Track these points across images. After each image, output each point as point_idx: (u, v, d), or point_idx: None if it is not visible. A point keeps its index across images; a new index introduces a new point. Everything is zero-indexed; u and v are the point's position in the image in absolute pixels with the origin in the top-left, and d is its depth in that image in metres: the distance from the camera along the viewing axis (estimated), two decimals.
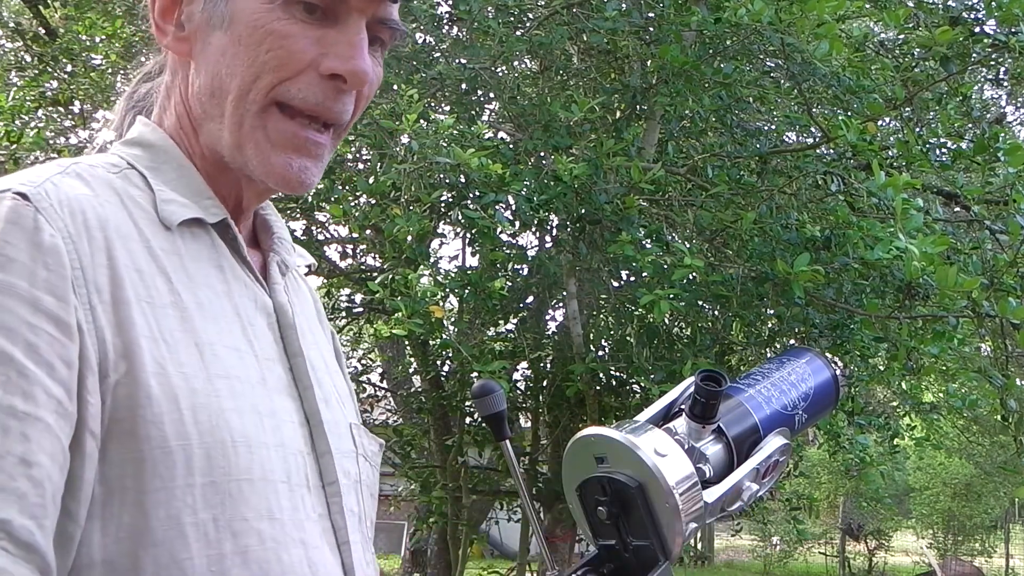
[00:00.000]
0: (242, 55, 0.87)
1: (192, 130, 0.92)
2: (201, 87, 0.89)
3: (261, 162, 0.89)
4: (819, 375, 1.39)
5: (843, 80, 4.34)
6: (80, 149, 6.30)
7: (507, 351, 5.42)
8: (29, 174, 0.82)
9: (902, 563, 22.03)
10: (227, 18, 0.88)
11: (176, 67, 0.94)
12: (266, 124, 0.88)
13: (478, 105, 5.08)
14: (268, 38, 0.86)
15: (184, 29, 0.91)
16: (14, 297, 0.75)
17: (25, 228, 0.77)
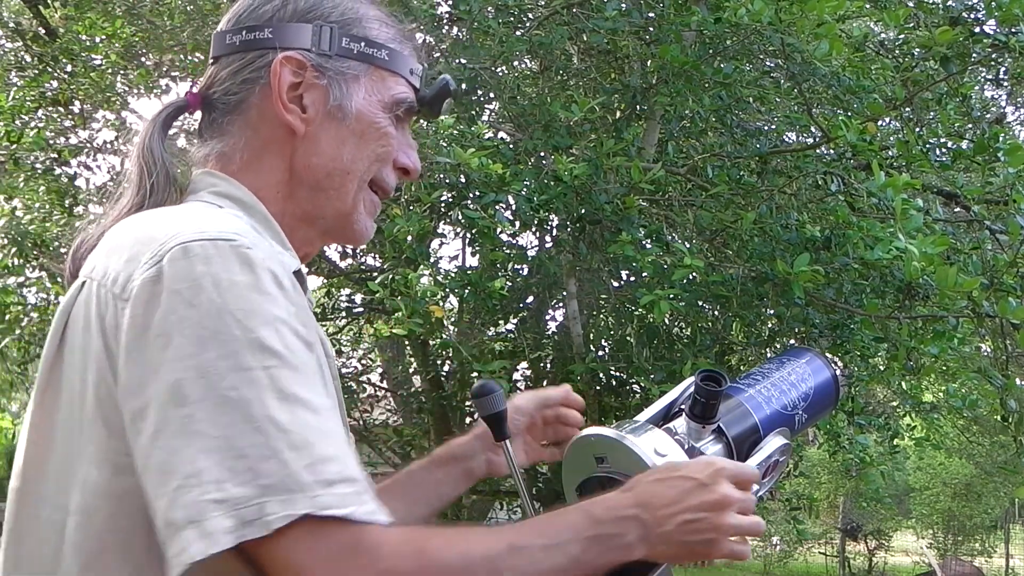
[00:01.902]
0: (364, 146, 1.10)
1: (288, 193, 1.09)
2: (319, 165, 1.09)
3: (359, 224, 1.13)
4: (819, 375, 1.39)
5: (843, 80, 4.34)
6: (80, 149, 6.30)
7: (507, 351, 5.42)
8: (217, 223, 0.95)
9: (902, 563, 22.02)
10: (349, 115, 1.09)
11: (279, 138, 1.09)
12: (367, 197, 1.13)
13: (478, 105, 5.08)
14: (382, 137, 1.12)
15: (306, 112, 1.08)
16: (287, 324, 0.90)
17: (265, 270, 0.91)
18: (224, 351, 0.86)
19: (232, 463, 0.83)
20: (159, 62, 6.26)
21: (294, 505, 0.83)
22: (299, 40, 1.09)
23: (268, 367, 0.86)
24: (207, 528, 0.82)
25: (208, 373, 0.85)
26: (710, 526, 1.02)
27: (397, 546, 0.88)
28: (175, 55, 6.02)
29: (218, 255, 0.89)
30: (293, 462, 0.84)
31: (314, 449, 0.85)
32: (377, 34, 1.13)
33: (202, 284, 0.87)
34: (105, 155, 6.53)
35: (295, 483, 0.84)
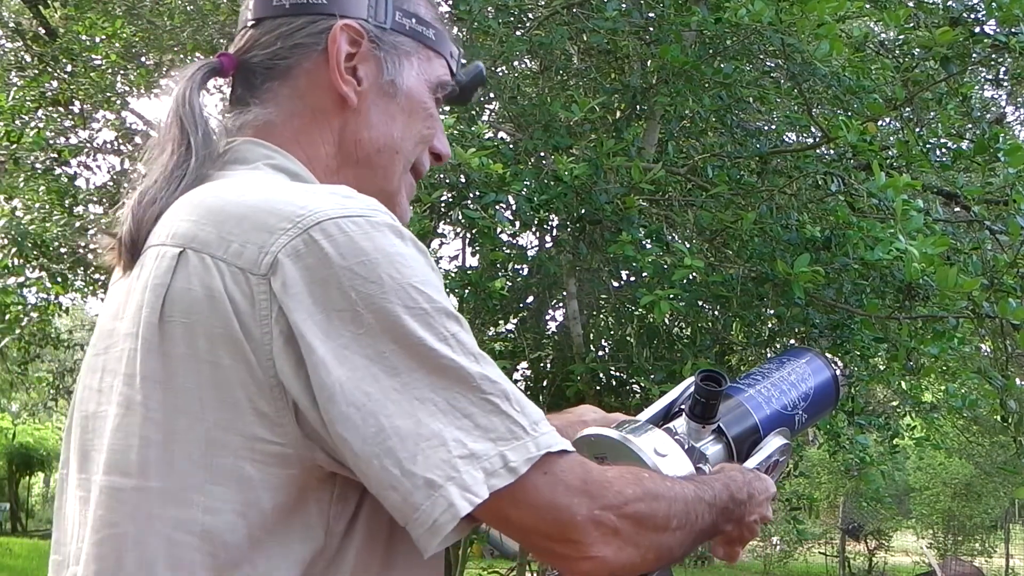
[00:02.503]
0: (412, 126, 1.08)
1: (336, 167, 1.05)
2: (369, 139, 1.05)
3: (401, 208, 1.09)
4: (819, 375, 1.39)
5: (843, 80, 4.34)
6: (80, 149, 6.30)
7: (507, 351, 5.42)
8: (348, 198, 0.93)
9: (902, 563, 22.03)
10: (400, 90, 1.06)
11: (329, 109, 1.04)
12: (408, 180, 1.11)
13: (478, 105, 5.08)
14: (429, 118, 1.09)
15: (360, 84, 1.04)
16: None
17: (412, 239, 0.91)
18: (419, 322, 0.86)
19: (461, 422, 0.86)
20: (159, 62, 6.27)
21: (527, 449, 0.88)
22: (356, 8, 1.04)
23: (455, 332, 0.88)
24: (465, 482, 0.84)
25: (412, 343, 0.85)
26: (755, 532, 1.14)
27: (618, 471, 0.97)
28: (175, 55, 6.03)
29: (374, 230, 0.87)
30: (511, 412, 0.88)
31: (517, 397, 0.90)
32: (425, 12, 1.10)
33: (375, 259, 0.86)
34: (105, 155, 6.54)
35: (519, 430, 0.88)
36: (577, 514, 0.89)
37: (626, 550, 0.94)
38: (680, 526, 1.00)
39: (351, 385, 0.83)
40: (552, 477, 0.89)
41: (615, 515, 0.92)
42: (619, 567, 0.94)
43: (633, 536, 0.94)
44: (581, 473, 0.91)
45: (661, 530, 0.97)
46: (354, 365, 0.84)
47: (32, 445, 22.85)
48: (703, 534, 1.05)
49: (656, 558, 0.99)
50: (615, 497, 0.93)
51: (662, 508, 0.98)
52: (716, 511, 1.05)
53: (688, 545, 1.03)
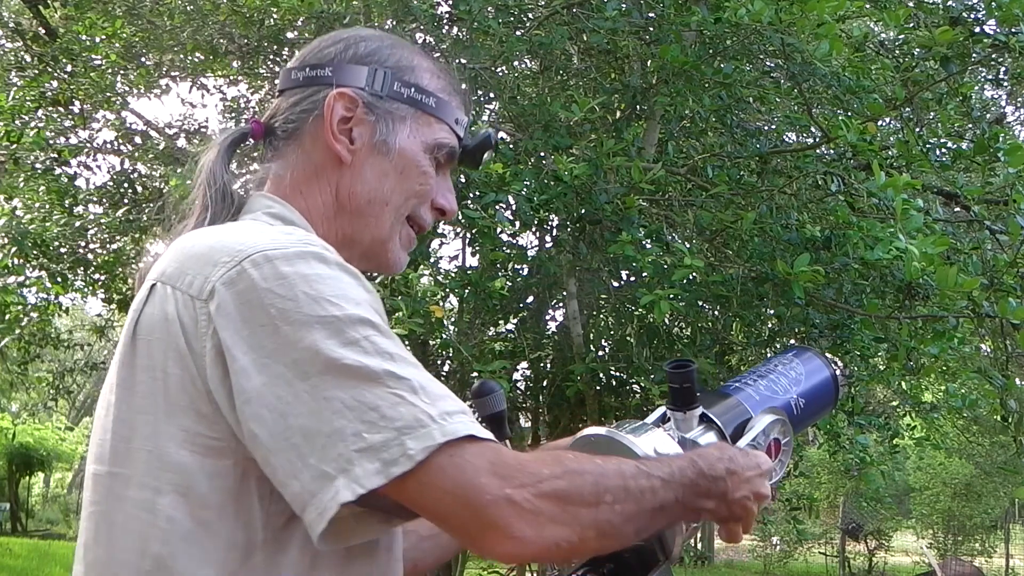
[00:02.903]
0: (404, 182, 1.21)
1: (333, 215, 1.20)
2: (361, 192, 1.20)
3: (392, 254, 1.23)
4: (818, 374, 1.39)
5: (843, 80, 4.34)
6: (80, 149, 6.30)
7: (507, 351, 5.42)
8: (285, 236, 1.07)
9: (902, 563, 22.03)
10: (393, 150, 1.20)
11: (324, 166, 1.20)
12: (403, 230, 1.24)
13: (478, 105, 5.08)
14: (422, 176, 1.22)
15: (354, 143, 1.19)
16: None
17: (339, 264, 1.04)
18: (330, 330, 0.97)
19: (365, 416, 0.94)
20: (159, 62, 6.27)
21: (431, 437, 0.94)
22: (355, 79, 1.21)
23: (368, 336, 0.98)
24: (356, 474, 0.93)
25: (322, 350, 0.96)
26: (750, 509, 1.16)
27: (535, 455, 1.01)
28: (175, 55, 6.03)
29: (296, 256, 1.01)
30: (418, 402, 0.96)
31: (429, 390, 0.97)
32: (428, 83, 1.24)
33: (293, 280, 0.99)
34: (105, 155, 6.54)
35: (425, 419, 0.95)
36: (486, 494, 0.94)
37: (552, 528, 0.96)
38: (618, 500, 1.01)
39: (266, 390, 0.96)
40: (459, 460, 0.95)
41: (531, 494, 0.96)
42: (551, 546, 0.97)
43: (558, 514, 0.97)
44: (492, 457, 0.96)
45: (591, 505, 0.99)
46: (271, 372, 0.96)
47: (32, 445, 22.86)
48: (664, 511, 1.06)
49: (599, 535, 1.00)
50: (529, 477, 0.96)
51: (587, 483, 1.00)
52: (679, 487, 1.07)
53: (644, 521, 1.04)
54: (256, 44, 5.64)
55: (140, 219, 5.67)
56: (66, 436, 26.08)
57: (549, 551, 0.98)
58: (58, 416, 26.69)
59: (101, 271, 6.14)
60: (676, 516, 1.10)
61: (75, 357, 9.13)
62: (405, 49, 1.26)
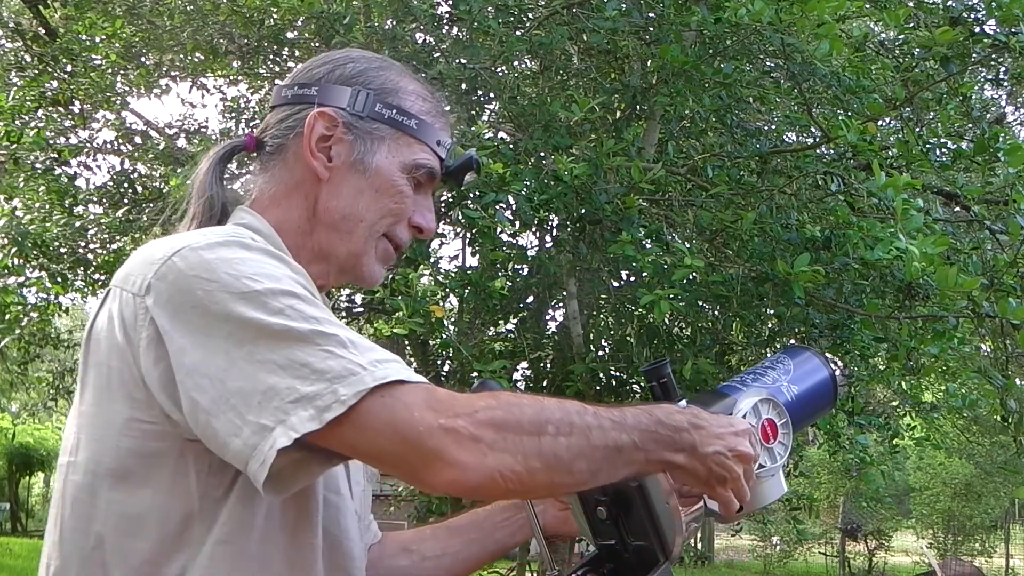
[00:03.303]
0: (379, 200, 1.25)
1: (308, 229, 1.25)
2: (336, 208, 1.24)
3: (367, 268, 1.27)
4: (817, 374, 1.40)
5: (843, 80, 4.34)
6: (80, 149, 6.30)
7: (507, 351, 5.42)
8: (217, 231, 1.16)
9: (902, 563, 22.04)
10: (369, 168, 1.25)
11: (304, 182, 1.26)
12: (380, 245, 1.27)
13: (478, 105, 5.08)
14: (397, 195, 1.26)
15: (331, 161, 1.25)
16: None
17: (261, 249, 1.12)
18: (256, 303, 1.04)
19: (298, 372, 1.01)
20: (159, 62, 6.27)
21: (362, 382, 1.00)
22: (337, 99, 1.26)
23: (292, 304, 1.05)
24: (291, 422, 0.99)
25: (251, 319, 1.03)
26: (729, 468, 1.15)
27: (470, 394, 1.04)
28: (175, 55, 6.03)
29: (219, 244, 1.09)
30: (347, 355, 1.02)
31: (359, 344, 1.03)
32: (411, 105, 1.28)
33: (215, 264, 1.06)
34: (105, 155, 6.54)
35: (356, 367, 1.01)
36: (420, 425, 0.99)
37: (494, 456, 0.99)
38: (563, 432, 1.02)
39: (205, 361, 1.03)
40: (391, 400, 1.00)
41: (467, 422, 0.99)
42: (494, 474, 0.99)
43: (498, 440, 0.99)
44: (425, 394, 1.01)
45: (533, 434, 1.01)
46: (208, 347, 1.03)
47: (32, 445, 22.87)
48: (623, 454, 1.07)
49: (546, 467, 1.02)
50: (464, 407, 1.00)
51: (527, 413, 1.02)
52: (635, 431, 1.08)
53: (598, 460, 1.05)
54: (256, 44, 5.64)
55: (140, 219, 5.66)
56: None
57: (494, 480, 0.99)
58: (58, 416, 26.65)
59: (101, 271, 6.13)
60: (640, 464, 1.10)
61: (75, 357, 9.12)
62: (392, 72, 1.31)
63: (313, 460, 1.06)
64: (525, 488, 1.04)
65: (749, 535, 20.78)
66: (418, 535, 1.51)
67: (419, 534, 1.51)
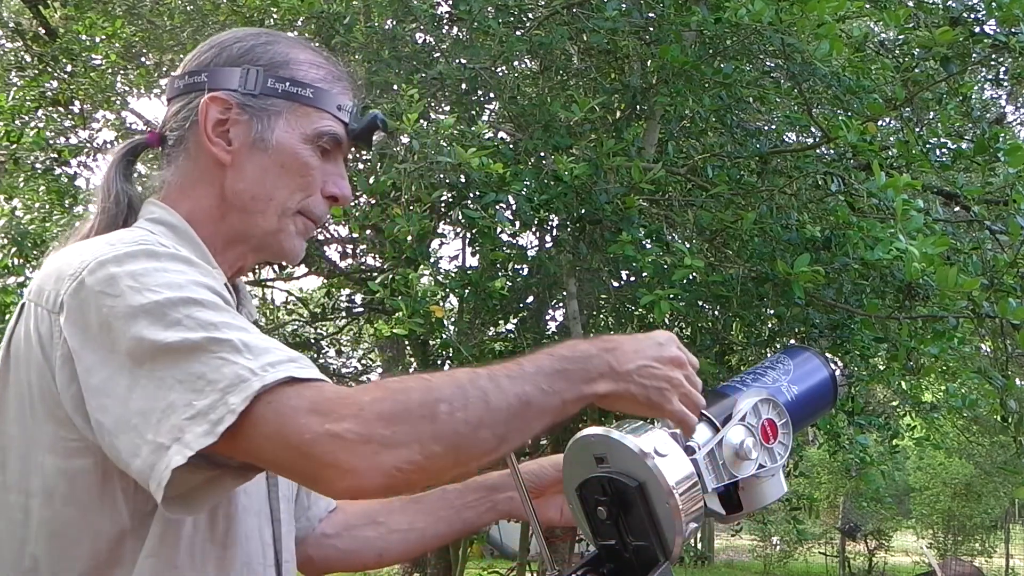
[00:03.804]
0: (284, 176, 1.24)
1: (220, 215, 1.24)
2: (244, 190, 1.23)
3: (287, 243, 1.26)
4: (817, 374, 1.40)
5: (843, 80, 4.34)
6: (80, 149, 6.30)
7: (507, 351, 5.42)
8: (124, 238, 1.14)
9: (902, 563, 22.02)
10: (270, 145, 1.22)
11: (208, 169, 1.24)
12: (297, 220, 1.26)
13: (478, 105, 5.08)
14: (303, 167, 1.24)
15: (231, 144, 1.23)
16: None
17: (167, 255, 1.09)
18: (154, 316, 1.02)
19: (193, 385, 0.99)
20: (159, 62, 6.27)
21: (249, 387, 0.97)
22: (228, 82, 1.24)
23: (190, 313, 1.03)
24: (186, 439, 0.97)
25: (147, 336, 1.01)
26: (664, 376, 1.13)
27: (357, 390, 1.01)
28: (175, 55, 6.03)
29: (127, 256, 1.07)
30: (240, 360, 0.99)
31: (253, 346, 1.01)
32: (304, 75, 1.25)
33: (119, 278, 1.05)
34: (105, 155, 6.54)
35: (246, 373, 0.98)
36: (306, 432, 0.96)
37: (388, 453, 0.96)
38: (458, 408, 0.99)
39: (109, 382, 1.02)
40: (277, 405, 0.98)
41: (353, 423, 0.96)
42: (392, 471, 0.97)
43: (389, 436, 0.96)
44: (311, 395, 0.98)
45: (426, 419, 0.98)
46: (112, 365, 1.02)
47: None
48: (532, 406, 1.04)
49: (449, 447, 0.99)
50: (349, 407, 0.97)
51: (414, 399, 0.99)
52: (538, 377, 1.05)
53: (503, 423, 1.02)
54: None
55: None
56: None
57: (393, 477, 0.97)
58: None
59: None
60: (557, 408, 1.07)
61: None
62: (281, 44, 1.28)
63: (226, 475, 1.04)
64: (430, 475, 1.02)
65: (749, 535, 20.77)
66: (386, 506, 1.49)
67: (387, 505, 1.49)
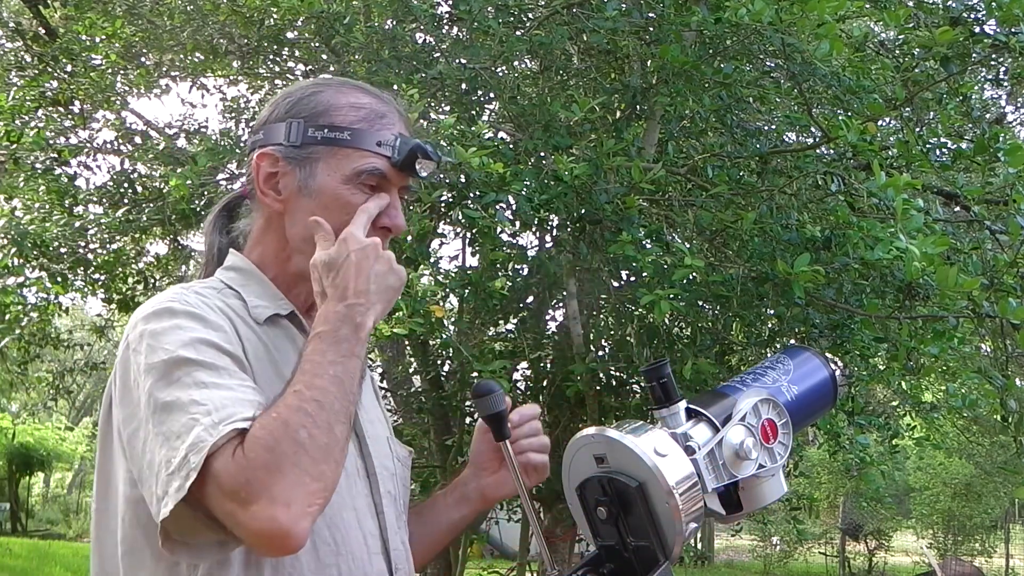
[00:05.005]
0: (328, 216, 1.33)
1: (285, 257, 1.39)
2: (296, 233, 1.37)
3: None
4: (817, 374, 1.40)
5: (843, 80, 4.33)
6: (80, 149, 6.30)
7: (507, 351, 5.41)
8: (164, 296, 1.31)
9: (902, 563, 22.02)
10: (313, 190, 1.35)
11: (271, 218, 1.40)
12: None
13: (478, 105, 5.07)
14: (345, 206, 1.34)
15: (281, 194, 1.37)
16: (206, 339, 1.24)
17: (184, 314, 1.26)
18: (160, 374, 1.18)
19: (172, 443, 1.14)
20: (159, 62, 6.27)
21: (203, 449, 1.12)
22: (275, 137, 1.38)
23: (189, 371, 1.18)
24: (171, 493, 1.12)
25: (153, 392, 1.18)
26: (387, 265, 1.29)
27: (249, 448, 1.13)
28: (175, 55, 6.03)
29: (152, 315, 1.25)
30: (204, 420, 1.13)
31: (220, 406, 1.15)
32: (342, 119, 1.36)
33: (143, 336, 1.23)
34: (105, 155, 6.53)
35: (204, 434, 1.12)
36: (227, 504, 1.11)
37: (298, 503, 1.10)
38: (311, 423, 1.14)
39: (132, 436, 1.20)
40: (216, 466, 1.12)
41: (242, 484, 1.10)
42: (303, 513, 1.10)
43: (279, 481, 1.10)
44: (224, 471, 1.11)
45: (301, 450, 1.12)
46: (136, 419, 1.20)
47: (32, 445, 22.85)
48: (339, 383, 1.19)
49: (327, 461, 1.14)
50: (246, 479, 1.10)
51: (283, 441, 1.12)
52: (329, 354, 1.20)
53: (339, 408, 1.17)
54: (256, 44, 5.64)
55: (140, 219, 5.65)
56: (66, 436, 26.06)
57: (310, 515, 1.12)
58: (58, 416, 26.67)
59: (101, 271, 6.13)
60: (357, 361, 1.22)
61: (75, 357, 9.13)
62: (327, 92, 1.39)
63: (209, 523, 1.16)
64: (332, 488, 1.15)
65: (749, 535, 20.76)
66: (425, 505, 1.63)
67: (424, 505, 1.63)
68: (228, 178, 5.27)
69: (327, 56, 5.50)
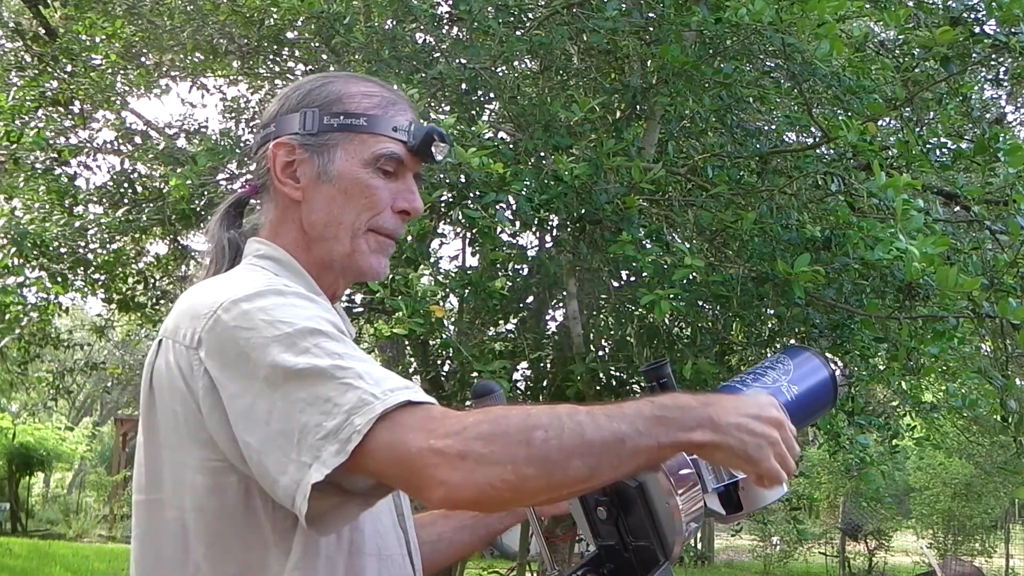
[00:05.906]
0: (349, 201, 1.36)
1: (306, 246, 1.38)
2: (317, 220, 1.37)
3: (363, 262, 1.38)
4: (817, 374, 1.40)
5: (843, 80, 4.33)
6: (80, 149, 6.30)
7: (507, 351, 5.41)
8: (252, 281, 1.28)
9: (902, 563, 22.01)
10: (332, 176, 1.36)
11: (287, 208, 1.40)
12: (369, 239, 1.38)
13: (478, 105, 5.08)
14: (365, 190, 1.36)
15: (299, 182, 1.38)
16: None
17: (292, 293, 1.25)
18: (285, 344, 1.15)
19: (322, 407, 1.11)
20: (159, 62, 6.27)
21: (372, 411, 1.09)
22: (290, 127, 1.39)
23: (317, 342, 1.16)
24: (323, 458, 1.09)
25: (280, 362, 1.14)
26: (765, 433, 1.15)
27: (463, 413, 1.12)
28: (175, 55, 6.03)
29: (257, 295, 1.22)
30: (363, 385, 1.12)
31: (373, 374, 1.14)
32: (356, 106, 1.38)
33: (253, 314, 1.20)
34: (105, 155, 6.53)
35: (369, 397, 1.11)
36: (412, 447, 1.07)
37: (483, 470, 1.05)
38: (554, 436, 1.07)
39: (252, 406, 1.15)
40: (392, 424, 1.09)
41: (455, 440, 1.06)
42: (484, 487, 1.06)
43: (486, 455, 1.05)
44: (423, 415, 1.10)
45: (522, 442, 1.06)
46: (252, 391, 1.15)
47: (32, 445, 22.83)
48: (626, 444, 1.09)
49: (540, 471, 1.06)
50: (453, 426, 1.08)
51: (514, 423, 1.08)
52: (637, 420, 1.10)
53: (596, 456, 1.07)
54: (256, 44, 5.64)
55: (140, 219, 5.66)
56: (66, 436, 26.03)
57: (485, 493, 1.06)
58: (58, 416, 26.65)
59: (101, 271, 6.13)
60: (651, 450, 1.11)
61: (75, 357, 9.12)
62: (335, 83, 1.41)
63: (352, 501, 1.17)
64: (521, 495, 1.09)
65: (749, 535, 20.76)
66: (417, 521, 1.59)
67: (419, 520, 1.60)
68: (228, 178, 5.28)
69: (327, 56, 5.49)
